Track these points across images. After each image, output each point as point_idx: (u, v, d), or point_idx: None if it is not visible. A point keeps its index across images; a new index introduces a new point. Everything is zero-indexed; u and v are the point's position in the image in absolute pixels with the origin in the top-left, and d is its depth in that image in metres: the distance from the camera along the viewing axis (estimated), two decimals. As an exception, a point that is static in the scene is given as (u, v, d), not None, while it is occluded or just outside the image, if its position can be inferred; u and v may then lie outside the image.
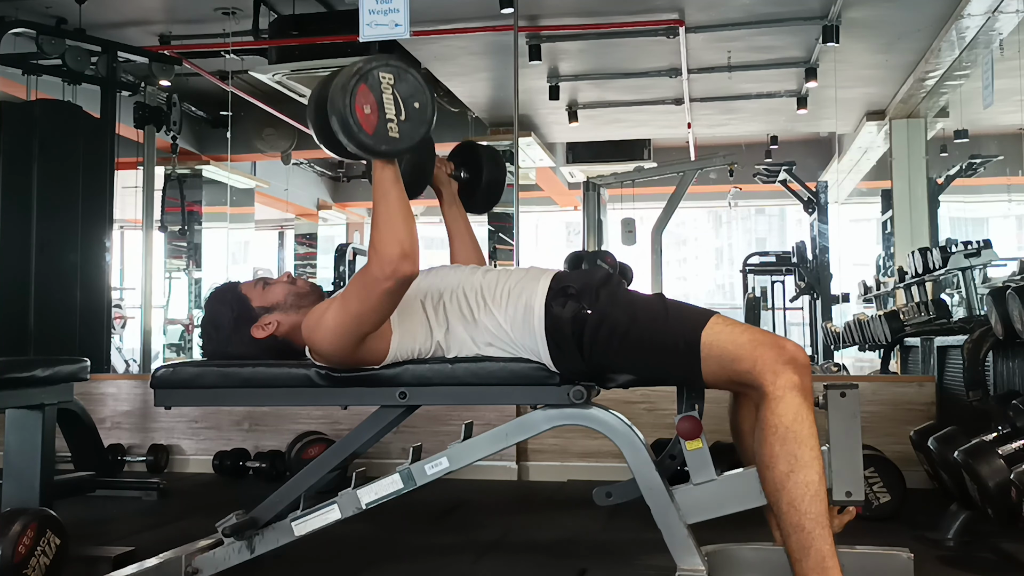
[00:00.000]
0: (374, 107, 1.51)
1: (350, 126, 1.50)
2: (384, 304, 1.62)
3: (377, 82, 1.53)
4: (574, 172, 9.02)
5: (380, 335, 1.71)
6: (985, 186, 7.60)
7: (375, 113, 1.52)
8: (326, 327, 1.66)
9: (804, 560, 1.52)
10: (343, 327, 1.65)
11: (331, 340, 1.68)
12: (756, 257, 8.47)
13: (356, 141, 1.52)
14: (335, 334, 1.66)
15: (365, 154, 1.56)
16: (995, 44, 5.24)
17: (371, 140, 1.52)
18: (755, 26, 5.48)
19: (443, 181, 2.09)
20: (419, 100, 1.56)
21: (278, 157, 8.08)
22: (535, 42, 5.61)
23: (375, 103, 1.52)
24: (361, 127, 1.51)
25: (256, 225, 9.17)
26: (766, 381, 1.56)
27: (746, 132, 8.12)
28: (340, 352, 1.69)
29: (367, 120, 1.51)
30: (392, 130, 1.53)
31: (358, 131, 1.51)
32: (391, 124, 1.53)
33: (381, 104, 1.52)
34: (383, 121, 1.52)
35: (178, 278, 7.44)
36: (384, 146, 1.54)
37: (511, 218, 4.77)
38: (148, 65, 5.75)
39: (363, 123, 1.51)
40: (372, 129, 1.52)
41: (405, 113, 1.54)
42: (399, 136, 1.54)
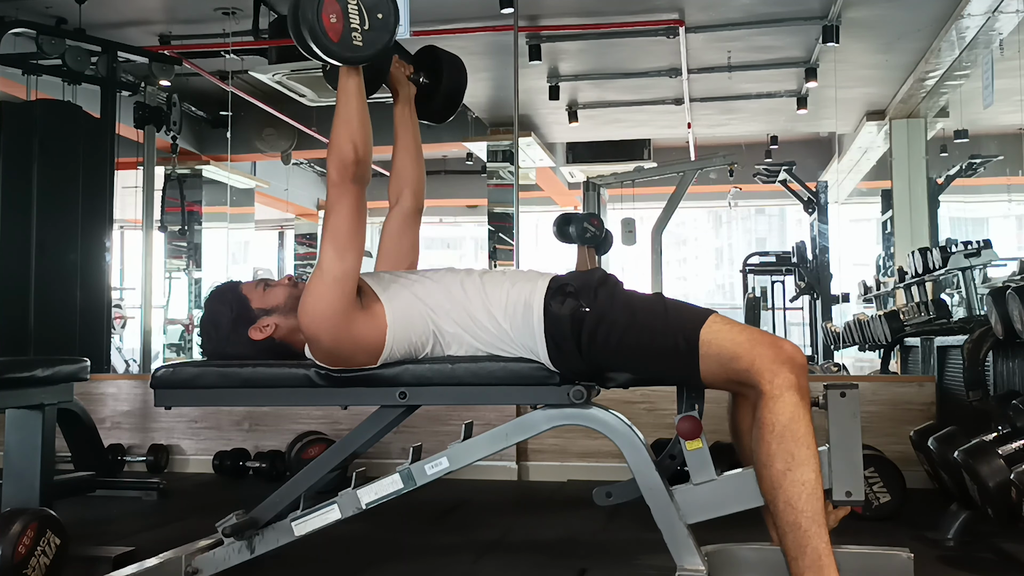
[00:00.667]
0: (339, 16, 1.60)
1: (317, 34, 1.59)
2: (351, 218, 1.67)
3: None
4: (574, 172, 9.02)
5: (374, 319, 1.71)
6: (985, 186, 7.59)
7: (340, 21, 1.60)
8: (314, 291, 1.68)
9: (800, 558, 1.52)
10: (327, 277, 1.66)
11: (321, 304, 1.67)
12: (756, 257, 8.46)
13: (322, 47, 1.60)
14: (322, 293, 1.67)
15: (331, 59, 1.64)
16: (995, 44, 5.24)
17: (336, 47, 1.61)
18: (755, 26, 5.48)
19: (400, 81, 2.10)
20: (382, 11, 1.65)
21: (278, 157, 8.08)
22: (535, 42, 5.61)
23: (340, 12, 1.60)
24: (327, 34, 1.59)
25: (256, 225, 9.16)
26: (763, 380, 1.57)
27: (746, 132, 8.11)
28: (332, 319, 1.67)
29: (332, 28, 1.60)
30: (356, 39, 1.62)
31: (324, 38, 1.59)
32: (355, 33, 1.62)
33: (346, 13, 1.61)
34: (348, 30, 1.61)
35: (178, 278, 7.43)
36: (348, 53, 1.63)
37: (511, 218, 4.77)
38: (148, 65, 5.75)
39: (329, 31, 1.59)
40: (337, 37, 1.60)
41: (369, 23, 1.63)
42: (363, 44, 1.63)
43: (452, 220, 11.32)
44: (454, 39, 5.41)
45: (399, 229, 2.10)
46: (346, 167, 1.66)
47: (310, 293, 1.68)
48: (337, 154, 1.66)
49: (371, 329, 1.72)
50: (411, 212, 2.11)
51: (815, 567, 1.51)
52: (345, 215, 1.67)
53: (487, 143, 7.69)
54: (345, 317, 1.68)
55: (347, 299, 1.68)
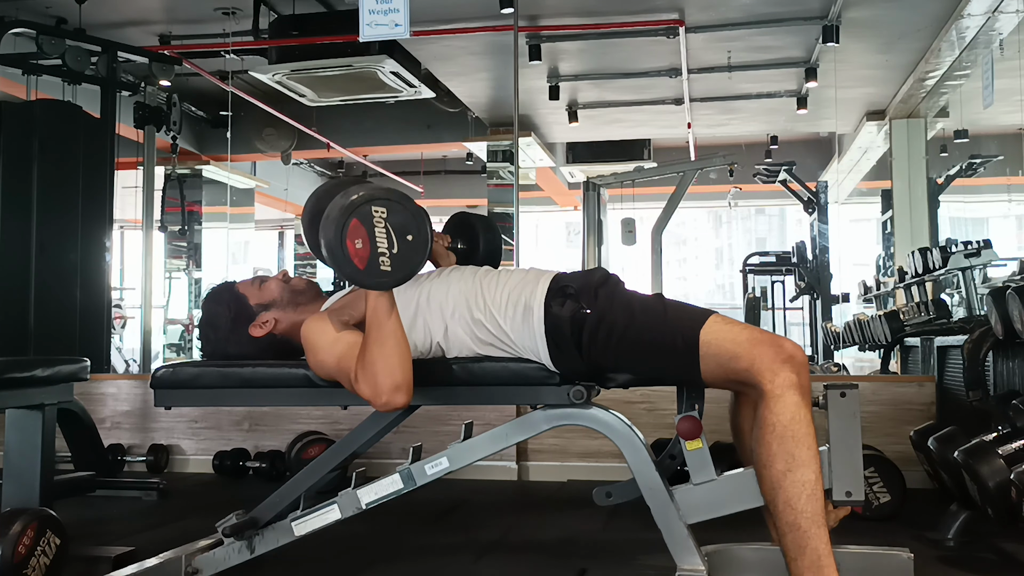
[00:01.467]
0: (366, 241, 1.51)
1: (340, 259, 1.51)
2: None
3: (369, 215, 1.52)
4: (574, 172, 9.02)
5: None
6: (985, 186, 7.59)
7: (366, 247, 1.51)
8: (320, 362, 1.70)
9: (800, 559, 1.52)
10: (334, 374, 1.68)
11: (325, 375, 1.72)
12: (756, 257, 8.46)
13: (346, 274, 1.53)
14: (327, 373, 1.70)
15: (355, 284, 1.58)
16: (995, 44, 5.24)
17: (361, 275, 1.53)
18: (755, 26, 5.48)
19: (441, 254, 2.07)
20: (412, 232, 1.55)
21: (278, 157, 8.07)
22: (535, 42, 5.61)
23: (367, 237, 1.51)
24: (351, 261, 1.51)
25: (256, 225, 9.16)
26: (764, 379, 1.56)
27: (746, 132, 8.11)
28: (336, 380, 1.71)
29: (358, 255, 1.51)
30: (384, 264, 1.53)
31: (347, 265, 1.51)
32: (383, 258, 1.52)
33: (373, 238, 1.52)
34: (374, 255, 1.52)
35: (178, 278, 7.43)
36: (375, 279, 1.54)
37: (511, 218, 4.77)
38: (148, 65, 5.74)
39: (353, 257, 1.51)
40: (363, 264, 1.52)
41: (398, 246, 1.53)
42: (391, 269, 1.54)
43: (452, 220, 11.30)
44: (454, 39, 5.41)
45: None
46: (387, 401, 1.59)
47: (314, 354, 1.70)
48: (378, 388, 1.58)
49: None
50: None
51: (815, 567, 1.51)
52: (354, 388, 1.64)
53: (487, 143, 7.69)
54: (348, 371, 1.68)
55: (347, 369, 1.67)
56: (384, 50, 5.18)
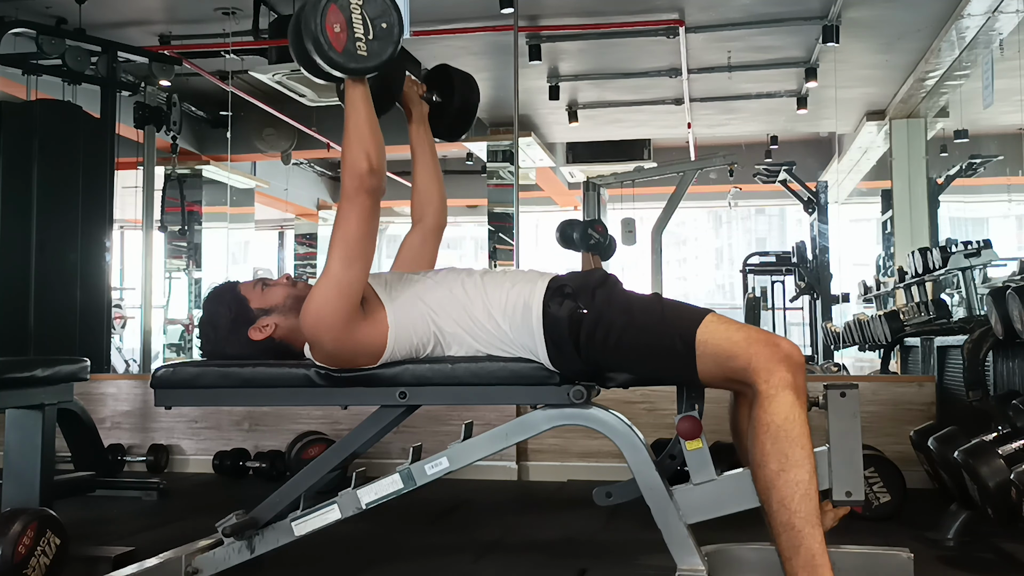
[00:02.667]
0: (344, 26, 1.59)
1: (321, 44, 1.58)
2: (363, 229, 1.65)
3: (347, 2, 1.60)
4: (574, 172, 9.02)
5: (376, 321, 1.72)
6: (985, 186, 7.59)
7: (344, 32, 1.59)
8: (319, 296, 1.67)
9: (794, 558, 1.52)
10: (333, 284, 1.66)
11: (325, 309, 1.67)
12: (756, 257, 8.46)
13: (326, 58, 1.59)
14: (327, 299, 1.66)
15: (335, 71, 1.62)
16: (995, 44, 5.24)
17: (341, 58, 1.60)
18: (755, 26, 5.49)
19: (413, 100, 2.10)
20: (387, 20, 1.63)
21: (278, 157, 8.08)
22: (535, 42, 5.61)
23: (344, 22, 1.59)
24: (331, 45, 1.58)
25: (256, 225, 9.17)
26: (759, 379, 1.56)
27: (746, 132, 8.11)
28: (335, 325, 1.67)
29: (337, 39, 1.58)
30: (360, 48, 1.60)
31: (328, 49, 1.58)
32: (360, 43, 1.60)
33: (350, 23, 1.59)
34: (352, 40, 1.60)
35: (178, 278, 7.43)
36: (353, 63, 1.61)
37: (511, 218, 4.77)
38: (148, 65, 5.75)
39: (333, 41, 1.58)
40: (341, 47, 1.59)
41: (373, 32, 1.62)
42: (367, 54, 1.61)
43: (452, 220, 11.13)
44: (454, 39, 5.41)
45: (420, 243, 2.11)
46: (361, 179, 1.64)
47: (315, 298, 1.68)
48: (351, 167, 1.64)
49: (373, 332, 1.72)
50: (433, 229, 2.12)
51: (809, 567, 1.51)
52: (357, 225, 1.66)
53: (487, 143, 7.69)
54: (348, 322, 1.68)
55: (352, 306, 1.67)
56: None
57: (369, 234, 1.68)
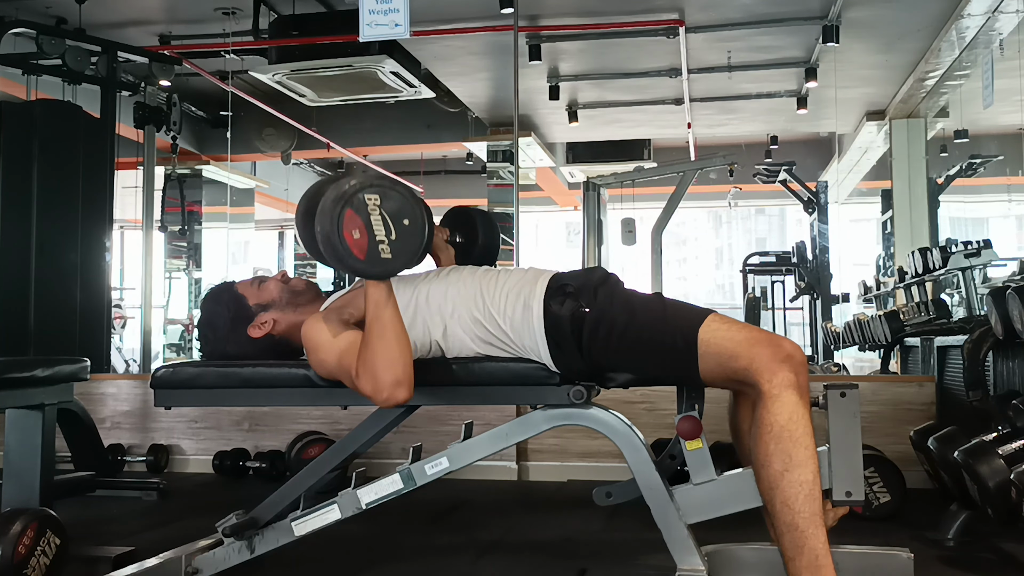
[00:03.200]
0: (363, 231, 1.50)
1: (340, 253, 1.51)
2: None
3: (363, 204, 1.51)
4: (574, 172, 9.02)
5: None
6: (985, 186, 7.59)
7: (364, 237, 1.51)
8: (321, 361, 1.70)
9: (797, 558, 1.52)
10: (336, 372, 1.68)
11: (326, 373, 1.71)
12: (756, 257, 8.47)
13: (348, 266, 1.53)
14: (328, 372, 1.70)
15: (361, 277, 1.57)
16: (995, 44, 5.24)
17: (363, 265, 1.53)
18: (755, 26, 5.48)
19: (440, 247, 2.07)
20: (408, 216, 1.54)
21: (278, 157, 8.07)
22: (535, 42, 5.61)
23: (363, 226, 1.51)
24: (351, 253, 1.51)
25: (256, 225, 9.17)
26: (762, 379, 1.56)
27: (746, 132, 8.11)
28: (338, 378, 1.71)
29: (356, 245, 1.51)
30: (384, 251, 1.52)
31: (348, 257, 1.51)
32: (382, 246, 1.52)
33: (370, 227, 1.51)
34: (373, 244, 1.52)
35: (178, 278, 7.43)
36: (377, 268, 1.54)
37: (511, 218, 4.77)
38: (148, 65, 5.74)
39: (353, 248, 1.51)
40: (363, 254, 1.51)
41: (395, 232, 1.53)
42: (391, 257, 1.54)
43: (452, 220, 11.30)
44: (454, 39, 5.41)
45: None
46: (389, 396, 1.58)
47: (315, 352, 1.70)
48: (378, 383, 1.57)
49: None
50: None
51: (812, 567, 1.51)
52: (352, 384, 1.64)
53: (487, 143, 7.69)
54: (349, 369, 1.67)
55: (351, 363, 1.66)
56: (384, 50, 5.18)
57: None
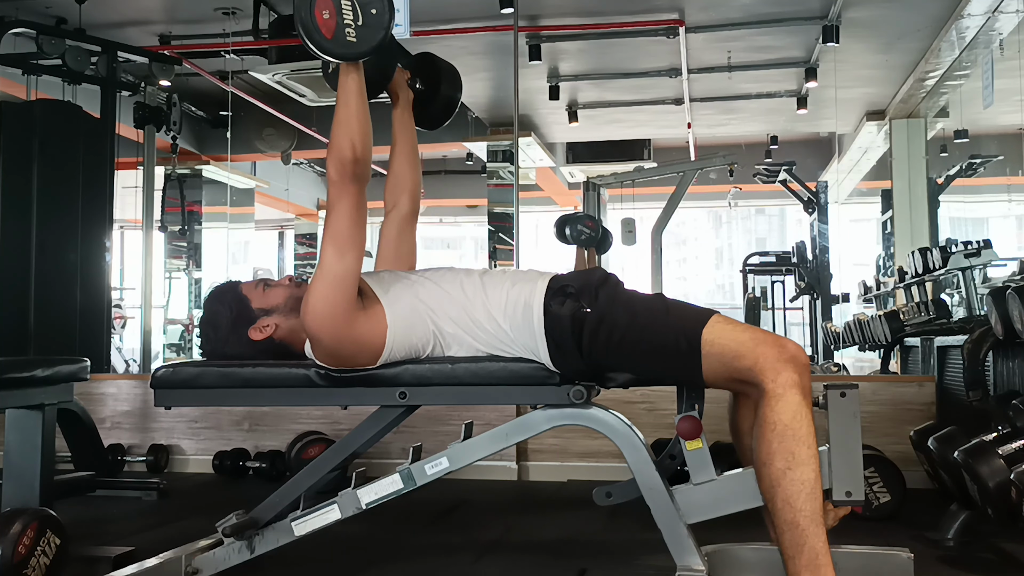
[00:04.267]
0: (332, 12, 1.61)
1: (310, 30, 1.60)
2: (350, 218, 1.67)
3: None
4: (574, 172, 9.03)
5: (375, 320, 1.71)
6: (985, 186, 7.59)
7: (333, 18, 1.61)
8: (315, 291, 1.68)
9: (797, 557, 1.52)
10: (328, 276, 1.66)
11: (322, 303, 1.67)
12: (756, 257, 8.47)
13: (316, 44, 1.61)
14: (323, 292, 1.67)
15: (325, 56, 1.64)
16: (995, 44, 5.24)
17: (329, 44, 1.62)
18: (755, 26, 5.49)
19: (400, 86, 2.11)
20: (376, 7, 1.63)
21: (278, 157, 8.08)
22: (535, 42, 5.61)
23: (333, 8, 1.61)
24: (320, 31, 1.60)
25: (256, 225, 9.17)
26: (766, 379, 1.57)
27: (746, 132, 8.12)
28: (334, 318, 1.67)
29: (325, 25, 1.60)
30: (349, 35, 1.62)
31: (317, 35, 1.60)
32: (348, 29, 1.62)
33: (339, 9, 1.61)
34: (341, 26, 1.61)
35: (178, 278, 7.43)
36: (341, 49, 1.63)
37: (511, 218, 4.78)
38: (148, 65, 5.75)
39: (322, 27, 1.60)
40: (331, 33, 1.61)
41: (362, 18, 1.62)
42: (356, 40, 1.63)
43: (452, 220, 11.32)
44: (454, 39, 5.41)
45: (397, 233, 2.10)
46: (344, 166, 1.66)
47: (312, 293, 1.68)
48: (336, 153, 1.66)
49: (372, 330, 1.72)
50: (408, 216, 2.12)
51: (812, 566, 1.51)
52: (344, 214, 1.67)
53: (487, 143, 7.69)
54: (347, 317, 1.68)
55: (349, 298, 1.68)
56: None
57: (357, 223, 1.69)
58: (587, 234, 3.50)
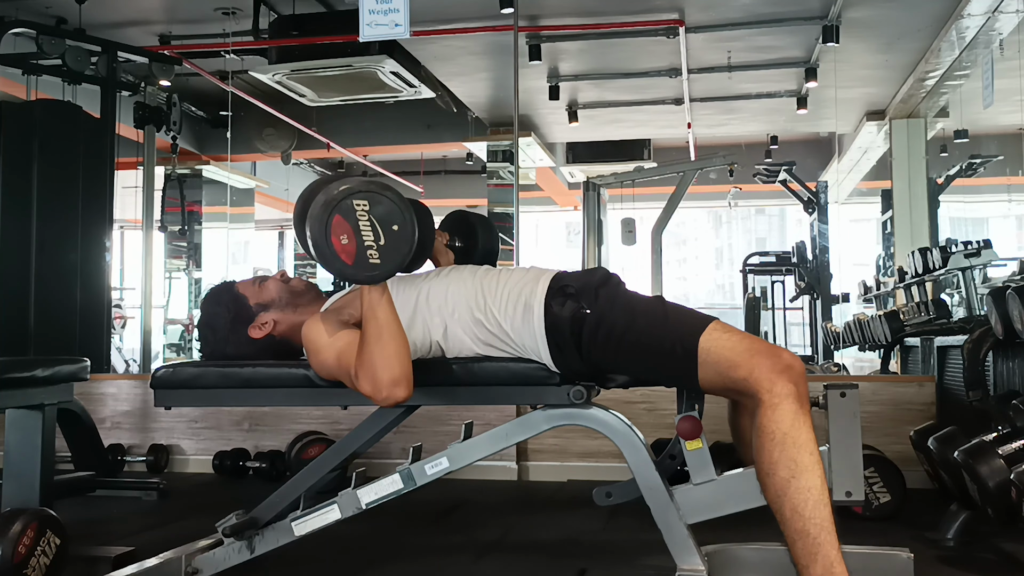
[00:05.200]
0: (351, 236, 1.52)
1: (328, 257, 1.52)
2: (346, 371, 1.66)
3: (351, 209, 1.52)
4: (574, 172, 9.02)
5: None
6: (985, 186, 7.59)
7: (352, 242, 1.52)
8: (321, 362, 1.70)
9: (812, 566, 1.51)
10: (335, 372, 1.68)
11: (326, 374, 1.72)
12: (756, 257, 8.46)
13: (336, 271, 1.54)
14: (328, 373, 1.70)
15: (350, 282, 1.59)
16: (995, 44, 5.24)
17: (351, 270, 1.54)
18: (755, 26, 5.48)
19: (440, 251, 2.08)
20: (397, 222, 1.54)
21: (278, 157, 8.07)
22: (535, 42, 5.61)
23: (351, 232, 1.52)
24: (339, 258, 1.52)
25: (256, 225, 9.16)
26: (762, 389, 1.56)
27: (746, 132, 8.11)
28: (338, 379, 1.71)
29: (345, 250, 1.52)
30: (372, 257, 1.53)
31: (337, 262, 1.52)
32: (371, 251, 1.53)
33: (358, 232, 1.52)
34: (362, 249, 1.52)
35: (178, 278, 7.43)
36: (365, 273, 1.55)
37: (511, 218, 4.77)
38: (148, 65, 5.74)
39: (340, 253, 1.52)
40: (351, 259, 1.52)
41: (384, 238, 1.53)
42: (380, 262, 1.54)
43: (452, 220, 11.30)
44: (454, 39, 5.41)
45: None
46: (388, 396, 1.59)
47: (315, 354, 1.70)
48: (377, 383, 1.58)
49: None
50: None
51: (827, 575, 1.50)
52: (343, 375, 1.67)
53: (487, 143, 7.69)
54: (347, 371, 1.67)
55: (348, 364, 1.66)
56: (384, 50, 5.18)
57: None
58: None
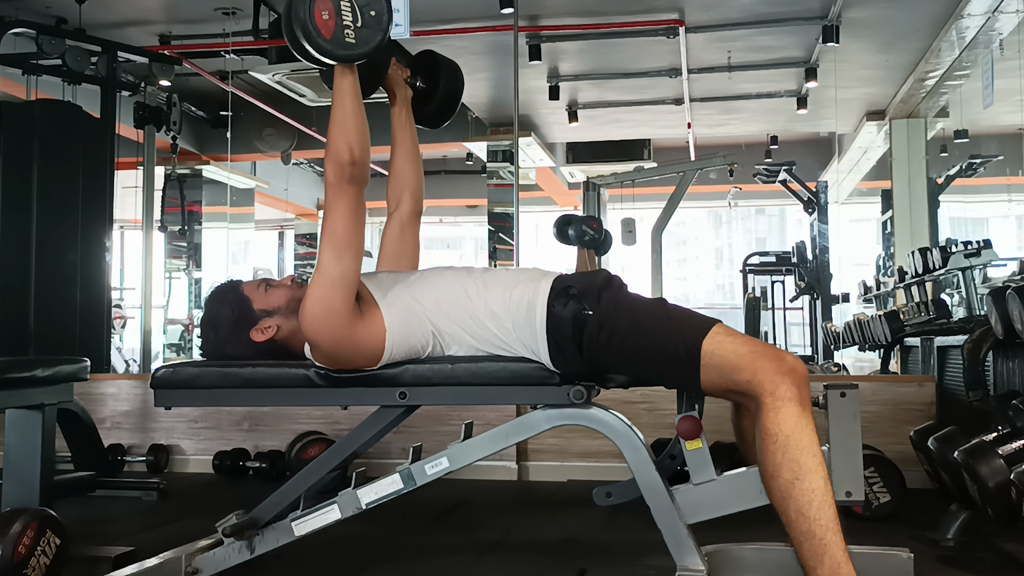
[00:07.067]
0: (332, 13, 1.61)
1: (310, 31, 1.59)
2: (348, 220, 1.67)
3: None
4: (574, 172, 9.03)
5: (373, 324, 1.71)
6: (985, 186, 7.60)
7: (333, 19, 1.61)
8: (313, 293, 1.67)
9: (819, 567, 1.51)
10: (326, 279, 1.66)
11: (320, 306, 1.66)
12: (756, 257, 8.46)
13: (315, 45, 1.61)
14: (321, 295, 1.66)
15: (323, 58, 1.64)
16: (995, 44, 5.24)
17: (329, 45, 1.61)
18: (755, 26, 5.49)
19: (397, 84, 2.10)
20: (375, 8, 1.64)
21: (278, 157, 8.08)
22: (535, 42, 5.61)
23: (333, 9, 1.61)
24: (319, 32, 1.60)
25: (256, 225, 9.17)
26: (764, 391, 1.56)
27: (746, 132, 8.12)
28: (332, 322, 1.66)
29: (325, 26, 1.60)
30: (348, 36, 1.62)
31: (317, 36, 1.60)
32: (348, 30, 1.62)
33: (339, 10, 1.61)
34: (340, 27, 1.61)
35: (178, 278, 7.43)
36: (341, 51, 1.63)
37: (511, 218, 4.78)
38: (148, 65, 5.75)
39: (321, 28, 1.60)
40: (330, 34, 1.61)
41: (362, 20, 1.63)
42: (355, 42, 1.63)
43: (452, 220, 11.32)
44: (454, 39, 5.41)
45: (399, 232, 2.09)
46: (342, 168, 1.65)
47: (309, 296, 1.68)
48: (333, 155, 1.66)
49: (370, 334, 1.71)
50: (411, 215, 2.11)
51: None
52: (343, 216, 1.66)
53: (487, 143, 7.69)
54: (344, 320, 1.67)
55: (347, 301, 1.67)
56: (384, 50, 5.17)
57: (355, 225, 1.68)
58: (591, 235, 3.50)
